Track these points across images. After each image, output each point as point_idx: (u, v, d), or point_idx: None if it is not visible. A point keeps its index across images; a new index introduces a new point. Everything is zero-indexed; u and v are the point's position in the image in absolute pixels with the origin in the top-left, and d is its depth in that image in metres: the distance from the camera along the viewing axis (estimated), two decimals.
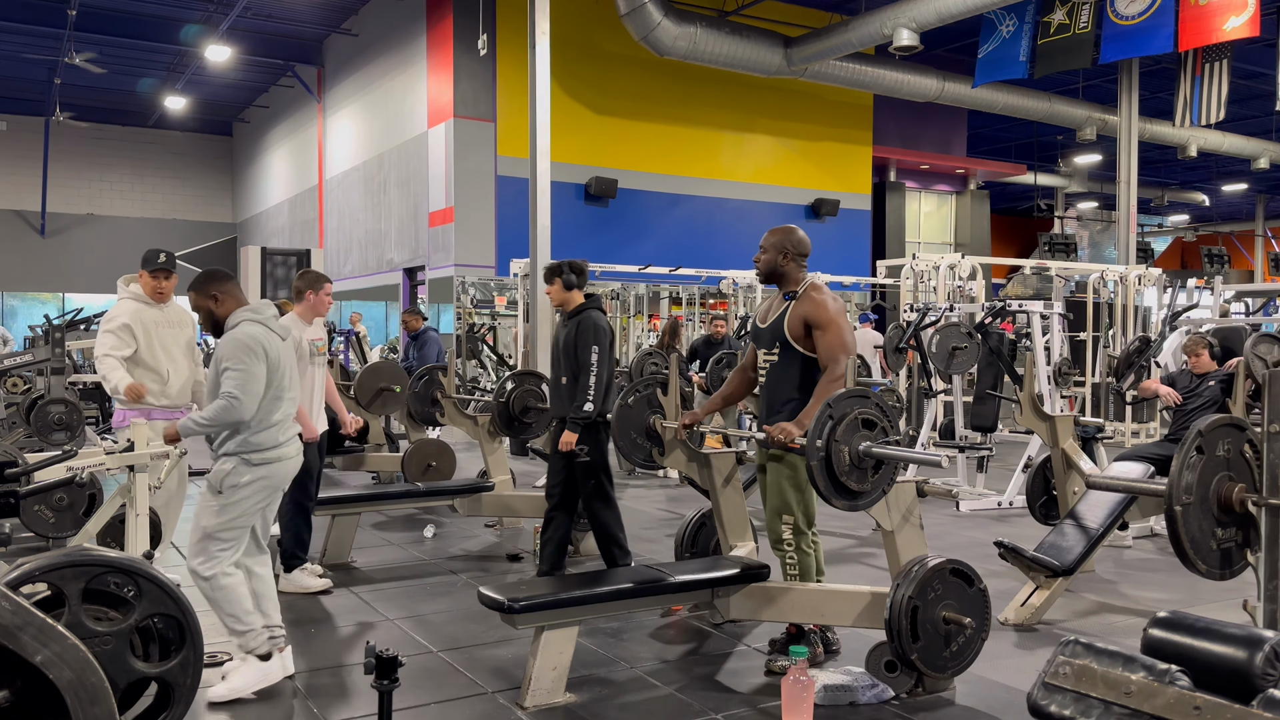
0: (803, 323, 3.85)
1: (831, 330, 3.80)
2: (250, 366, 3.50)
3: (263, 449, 3.56)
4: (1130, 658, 2.13)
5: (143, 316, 4.85)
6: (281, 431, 3.64)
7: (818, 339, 3.82)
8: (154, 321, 4.88)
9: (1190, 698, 1.99)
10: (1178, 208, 30.92)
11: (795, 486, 3.86)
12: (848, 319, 3.93)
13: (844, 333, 3.82)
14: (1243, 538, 3.05)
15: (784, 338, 3.89)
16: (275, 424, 3.61)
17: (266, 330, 3.62)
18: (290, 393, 3.68)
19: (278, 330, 3.67)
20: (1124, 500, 4.92)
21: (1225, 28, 11.26)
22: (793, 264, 3.99)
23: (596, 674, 3.81)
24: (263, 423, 3.56)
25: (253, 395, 3.49)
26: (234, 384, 3.48)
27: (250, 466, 3.54)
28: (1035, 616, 4.54)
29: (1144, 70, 17.07)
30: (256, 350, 3.53)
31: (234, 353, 3.52)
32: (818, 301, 3.86)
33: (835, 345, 3.78)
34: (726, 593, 3.95)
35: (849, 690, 3.49)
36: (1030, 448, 7.68)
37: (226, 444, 3.56)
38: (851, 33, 13.89)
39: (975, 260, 11.57)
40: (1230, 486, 3.00)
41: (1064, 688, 2.18)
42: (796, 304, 3.90)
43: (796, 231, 4.04)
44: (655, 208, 16.94)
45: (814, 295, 3.90)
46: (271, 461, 3.59)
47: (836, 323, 3.81)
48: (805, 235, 4.06)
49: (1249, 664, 2.03)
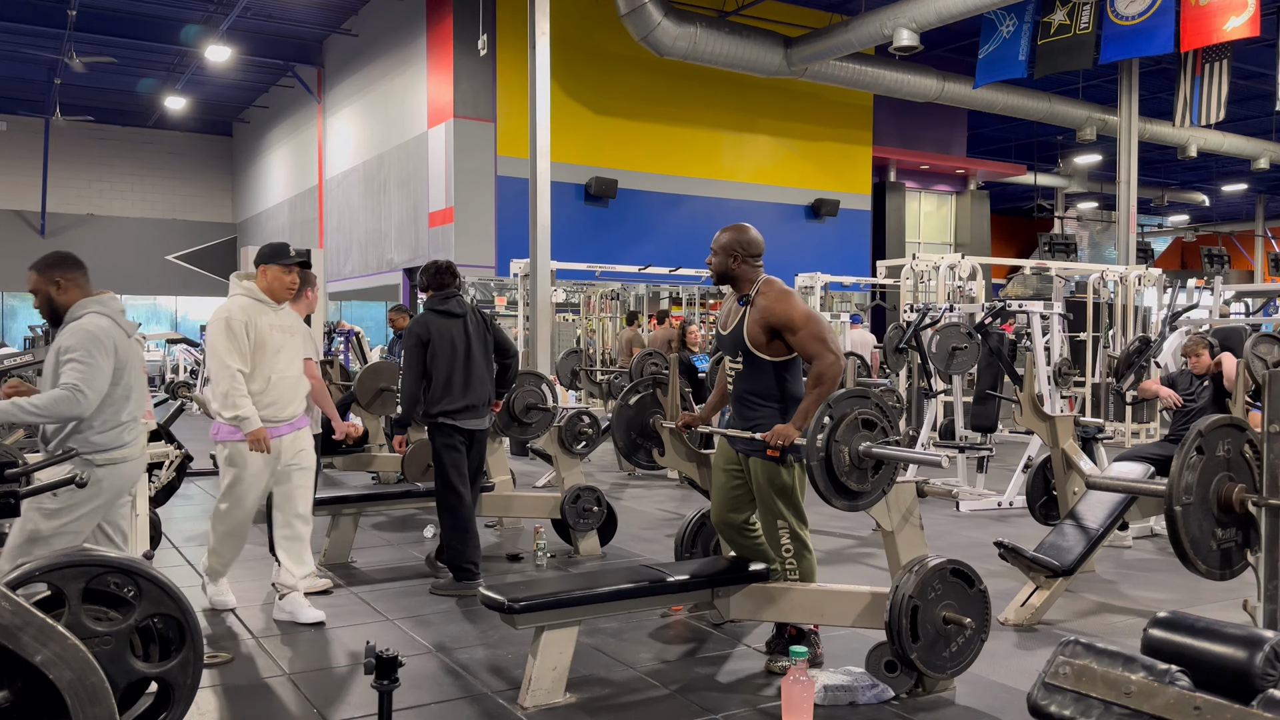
0: (762, 328, 3.73)
1: (802, 330, 3.68)
2: (97, 360, 3.30)
3: (106, 449, 3.38)
4: (1130, 658, 2.13)
5: (255, 314, 4.37)
6: (128, 431, 3.46)
7: (792, 343, 3.71)
8: (268, 324, 4.39)
9: (1190, 698, 1.99)
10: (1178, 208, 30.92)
11: (778, 492, 3.80)
12: (808, 306, 3.81)
13: (817, 325, 3.69)
14: (1243, 538, 3.04)
15: (745, 346, 3.78)
16: (122, 424, 3.44)
17: (114, 324, 3.43)
18: (139, 392, 3.49)
19: (125, 326, 3.49)
20: (1124, 500, 4.92)
21: (1225, 28, 11.26)
22: (745, 265, 3.86)
23: (596, 674, 3.81)
24: (108, 422, 3.38)
25: (96, 391, 3.29)
26: (78, 376, 3.26)
27: (92, 468, 3.34)
28: (1035, 617, 4.54)
29: (1144, 70, 17.08)
30: (106, 344, 3.34)
31: (81, 343, 3.30)
32: (774, 302, 3.72)
33: (810, 341, 3.67)
34: (726, 593, 3.95)
35: (849, 690, 3.49)
36: (1030, 448, 7.68)
37: (65, 441, 3.35)
38: (851, 33, 13.89)
39: (975, 260, 11.57)
40: (1230, 487, 3.00)
41: (1064, 688, 2.17)
42: (751, 309, 3.78)
43: (748, 231, 3.90)
44: (655, 208, 16.94)
45: (767, 296, 3.76)
46: (116, 463, 3.41)
47: (804, 321, 3.68)
48: (757, 235, 3.92)
49: (1249, 664, 2.03)
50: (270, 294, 4.44)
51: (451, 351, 4.96)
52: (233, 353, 4.27)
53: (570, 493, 5.84)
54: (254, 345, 4.31)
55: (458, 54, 15.11)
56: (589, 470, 8.57)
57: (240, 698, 3.57)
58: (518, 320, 12.65)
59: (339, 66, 19.48)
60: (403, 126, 16.85)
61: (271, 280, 4.43)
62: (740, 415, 3.88)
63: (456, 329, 5.01)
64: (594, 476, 8.57)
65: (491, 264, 15.38)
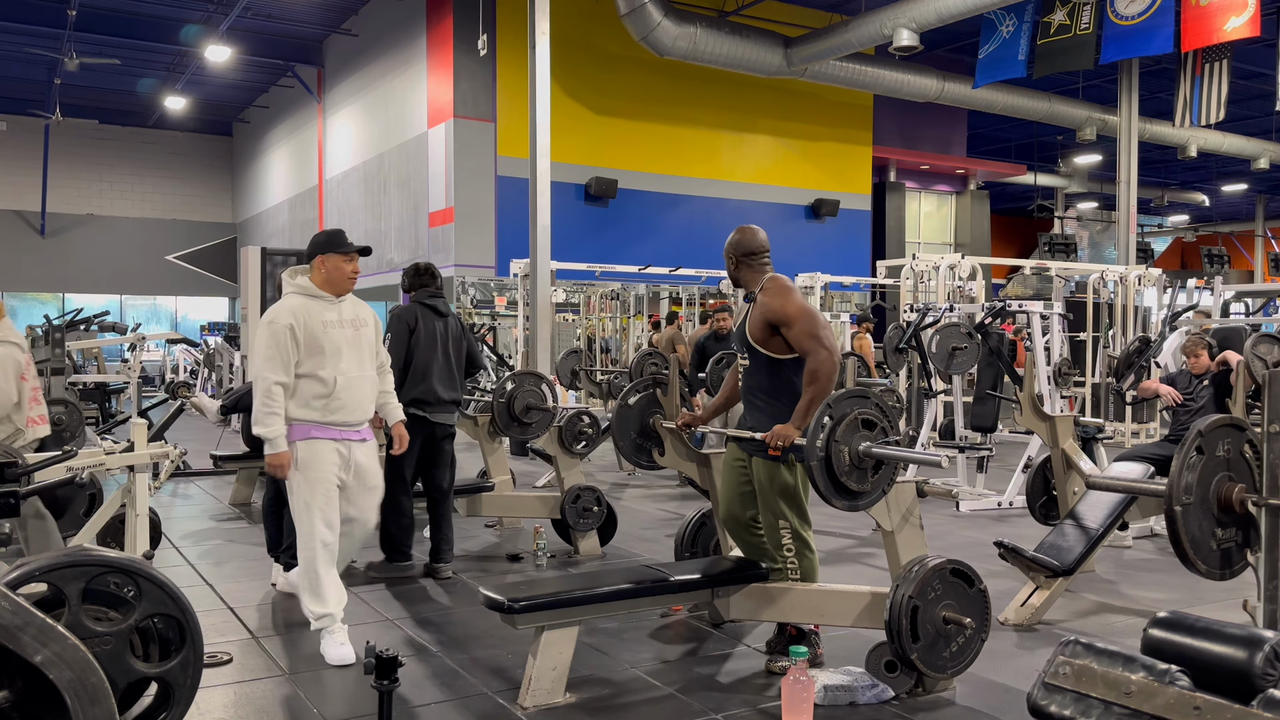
0: (762, 325, 3.77)
1: (797, 324, 3.69)
2: None
3: None
4: (1130, 658, 2.12)
5: (309, 314, 3.96)
6: None
7: (788, 337, 3.73)
8: (323, 321, 3.96)
9: (1190, 698, 1.99)
10: (1178, 208, 30.92)
11: (780, 492, 3.81)
12: (809, 304, 3.84)
13: (811, 321, 3.69)
14: (1243, 538, 3.05)
15: (749, 344, 3.83)
16: None
17: None
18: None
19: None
20: (1124, 500, 4.92)
21: (1225, 28, 11.26)
22: (746, 267, 3.91)
23: (596, 674, 3.81)
24: None
25: None
26: None
27: None
28: (1035, 617, 4.54)
29: (1144, 70, 17.08)
30: None
31: None
32: (773, 297, 3.76)
33: (804, 338, 3.67)
34: (726, 593, 3.95)
35: (849, 690, 3.49)
36: (1030, 448, 7.68)
37: None
38: (851, 33, 13.89)
39: (975, 260, 11.57)
40: (1230, 487, 3.00)
41: (1064, 688, 2.17)
42: (754, 307, 3.84)
43: (745, 232, 3.94)
44: (655, 208, 16.94)
45: (768, 292, 3.80)
46: None
47: (798, 317, 3.69)
48: (755, 235, 3.94)
49: (1249, 664, 2.03)
50: (330, 286, 4.02)
51: (432, 345, 5.21)
52: (272, 362, 3.86)
53: (570, 493, 5.84)
54: (305, 349, 3.90)
55: (458, 54, 15.11)
56: (589, 470, 8.57)
57: (240, 698, 3.57)
58: (518, 320, 12.64)
59: (339, 66, 19.48)
60: (403, 126, 16.85)
61: (331, 271, 4.02)
62: (748, 413, 3.92)
63: (440, 326, 5.28)
64: (594, 476, 8.57)
65: (491, 264, 15.38)
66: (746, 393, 3.92)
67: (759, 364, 3.83)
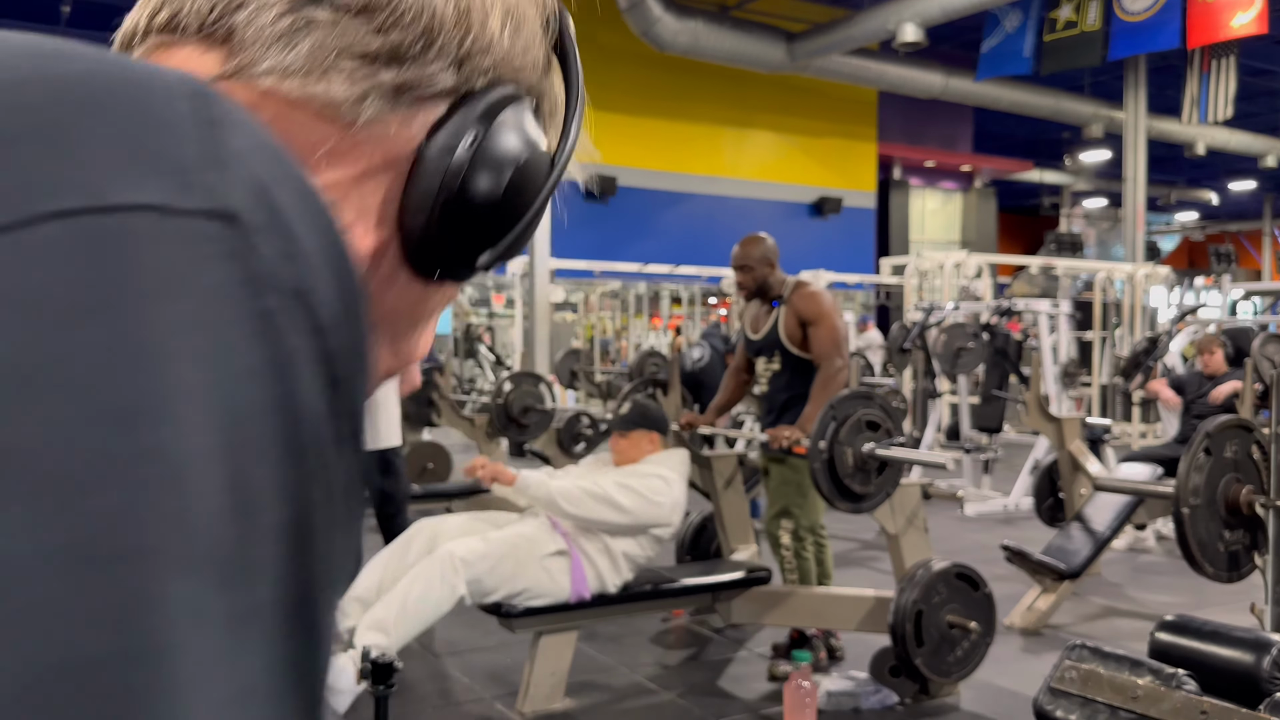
0: (797, 326, 3.81)
1: (824, 325, 3.76)
2: None
3: None
4: (1137, 662, 2.10)
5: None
6: None
7: (811, 334, 3.77)
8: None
9: (1197, 702, 1.96)
10: (1185, 206, 30.82)
11: (798, 491, 3.82)
12: (840, 312, 3.91)
13: (836, 329, 3.79)
14: (1250, 540, 3.01)
15: (783, 346, 3.85)
16: None
17: None
18: None
19: None
20: (1131, 502, 4.88)
21: (1233, 24, 11.19)
22: (774, 273, 3.96)
23: (595, 679, 3.78)
24: None
25: None
26: None
27: None
28: (1041, 620, 4.50)
29: (1151, 67, 16.99)
30: None
31: None
32: (806, 298, 3.81)
33: (827, 341, 3.74)
34: (728, 597, 3.91)
35: (852, 696, 3.45)
36: (1036, 449, 7.63)
37: None
38: (855, 28, 13.83)
39: (981, 258, 11.52)
40: (1238, 488, 2.97)
41: (1070, 692, 2.14)
42: (786, 308, 3.85)
43: (764, 239, 4.01)
44: (655, 205, 16.91)
45: (800, 294, 3.84)
46: None
47: (830, 316, 3.78)
48: (770, 239, 4.03)
49: (1256, 668, 2.01)
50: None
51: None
52: None
53: None
54: None
55: None
56: None
57: None
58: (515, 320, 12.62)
59: None
60: None
61: None
62: (778, 417, 3.88)
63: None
64: None
65: None
66: (773, 396, 3.92)
67: (793, 367, 3.85)
